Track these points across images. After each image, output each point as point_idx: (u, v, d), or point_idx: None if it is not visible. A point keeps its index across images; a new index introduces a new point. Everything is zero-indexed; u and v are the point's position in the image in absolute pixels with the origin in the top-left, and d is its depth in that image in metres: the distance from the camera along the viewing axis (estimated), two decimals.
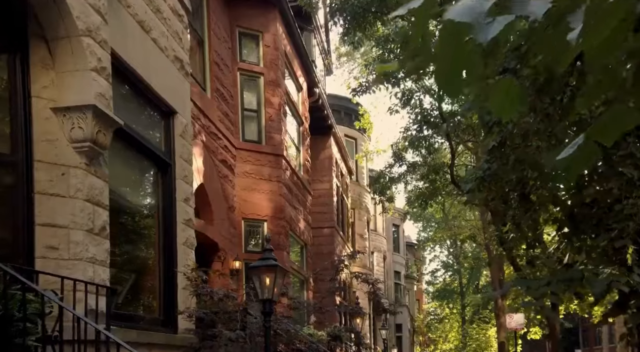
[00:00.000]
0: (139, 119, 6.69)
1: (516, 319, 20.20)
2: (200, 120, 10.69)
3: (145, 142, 6.65)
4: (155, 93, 6.77)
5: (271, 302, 6.63)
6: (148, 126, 6.93)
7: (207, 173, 10.83)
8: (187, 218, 7.36)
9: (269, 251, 6.81)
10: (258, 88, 13.48)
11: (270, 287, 6.52)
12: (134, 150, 6.59)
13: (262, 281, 6.55)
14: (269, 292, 6.54)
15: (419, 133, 15.08)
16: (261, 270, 6.63)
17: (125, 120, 6.18)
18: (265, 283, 6.54)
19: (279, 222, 12.99)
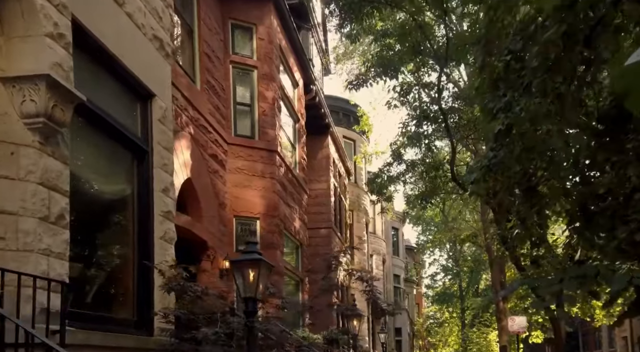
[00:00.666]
0: (111, 100, 6.00)
1: (518, 322, 19.46)
2: (188, 112, 10.02)
3: (119, 126, 5.97)
4: (130, 73, 6.10)
5: (255, 300, 5.93)
6: (122, 109, 6.24)
7: (196, 167, 10.14)
8: (166, 210, 6.67)
9: (253, 244, 6.12)
10: (251, 82, 12.81)
11: (254, 284, 5.83)
12: (106, 135, 5.91)
13: (246, 277, 5.85)
14: (253, 289, 5.84)
15: (418, 128, 14.38)
16: (244, 265, 5.93)
17: (96, 101, 5.51)
18: (248, 279, 5.84)
19: (273, 220, 12.29)
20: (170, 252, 6.71)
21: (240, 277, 5.89)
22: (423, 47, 13.76)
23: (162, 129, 6.76)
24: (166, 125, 6.87)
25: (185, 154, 9.79)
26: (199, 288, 6.14)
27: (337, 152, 21.76)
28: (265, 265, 6.01)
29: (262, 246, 12.13)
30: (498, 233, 12.16)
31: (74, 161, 5.18)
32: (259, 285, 5.87)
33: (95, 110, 5.48)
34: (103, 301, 5.79)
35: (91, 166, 5.83)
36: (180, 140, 9.58)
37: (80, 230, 5.60)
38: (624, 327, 37.35)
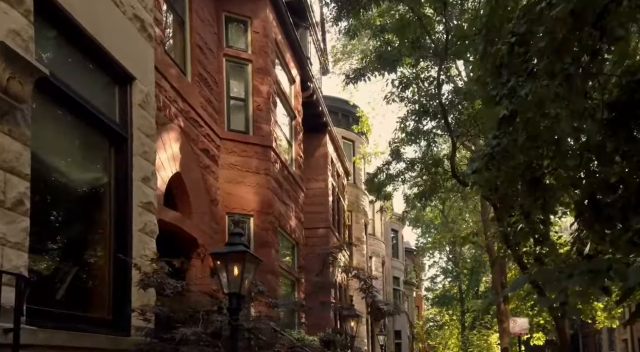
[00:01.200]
0: (84, 81, 5.50)
1: (520, 324, 18.90)
2: (178, 104, 9.52)
3: (94, 109, 5.47)
4: (106, 53, 5.59)
5: (239, 296, 5.40)
6: (98, 92, 5.73)
7: (185, 161, 9.64)
8: (146, 201, 6.15)
9: (236, 235, 5.59)
10: (246, 76, 12.31)
11: (238, 278, 5.30)
12: (79, 118, 5.40)
13: (229, 271, 5.33)
14: (237, 284, 5.31)
15: (418, 123, 13.82)
16: (227, 258, 5.41)
17: (66, 80, 5.02)
18: (232, 274, 5.32)
19: (267, 217, 11.76)
20: (151, 246, 6.20)
21: (223, 272, 5.37)
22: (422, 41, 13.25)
23: (143, 114, 6.25)
24: (148, 111, 6.36)
25: (174, 147, 9.28)
26: (179, 284, 5.60)
27: (336, 152, 21.25)
28: (251, 258, 5.49)
29: (256, 244, 11.65)
30: (500, 230, 11.62)
31: (41, 144, 4.67)
32: (244, 280, 5.35)
33: (65, 90, 4.98)
34: (73, 298, 5.27)
35: (61, 151, 5.32)
36: (168, 133, 9.09)
37: (48, 220, 5.10)
38: (624, 330, 36.77)
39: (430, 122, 14.36)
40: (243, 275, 5.30)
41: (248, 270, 5.40)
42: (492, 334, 34.14)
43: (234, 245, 5.44)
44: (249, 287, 5.65)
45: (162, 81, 8.90)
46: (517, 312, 23.25)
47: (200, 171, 10.35)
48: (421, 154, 15.73)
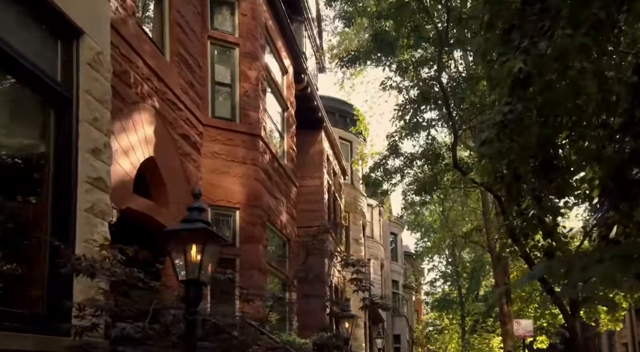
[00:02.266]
0: (18, 33, 4.47)
1: (524, 326, 17.79)
2: (152, 83, 8.48)
3: (30, 65, 4.45)
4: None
5: (199, 284, 4.33)
6: (33, 44, 4.70)
7: (161, 146, 8.59)
8: (96, 176, 5.11)
9: (196, 210, 4.53)
10: (232, 60, 11.30)
11: (197, 262, 4.24)
12: (9, 74, 4.38)
13: (186, 253, 4.26)
14: (195, 269, 4.25)
15: (417, 111, 12.73)
16: (183, 237, 4.35)
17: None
18: (189, 256, 4.25)
19: (254, 210, 10.71)
20: (101, 230, 5.15)
21: (177, 254, 4.31)
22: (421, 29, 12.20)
23: (94, 76, 5.21)
24: (101, 73, 5.32)
25: (147, 130, 8.24)
26: (123, 271, 4.53)
27: (332, 149, 20.23)
28: (214, 238, 4.43)
29: (243, 239, 10.58)
30: (505, 224, 10.56)
31: None
32: (205, 264, 4.28)
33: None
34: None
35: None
36: (140, 113, 8.05)
37: None
38: (624, 333, 35.58)
39: (430, 113, 13.33)
40: (203, 258, 4.24)
41: (210, 253, 4.34)
42: (493, 338, 32.93)
43: (191, 222, 4.38)
44: (212, 273, 4.57)
45: (133, 56, 7.89)
46: (521, 315, 22.11)
47: (179, 158, 9.31)
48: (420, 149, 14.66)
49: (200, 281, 4.27)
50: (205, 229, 4.31)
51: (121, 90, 7.44)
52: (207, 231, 4.33)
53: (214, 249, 4.42)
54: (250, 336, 6.00)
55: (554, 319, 24.22)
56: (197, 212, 4.47)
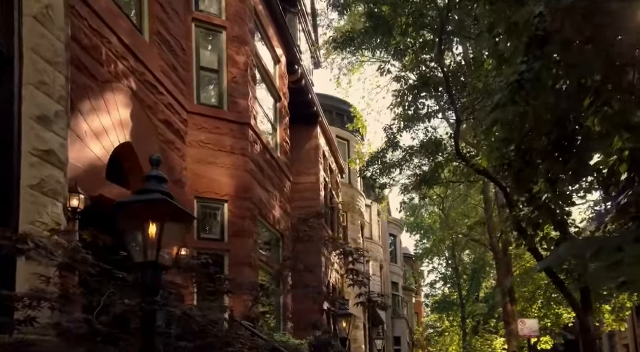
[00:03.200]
0: None
1: (529, 325, 16.97)
2: (128, 62, 7.71)
3: None
4: None
5: (157, 267, 3.53)
6: None
7: (139, 130, 7.82)
8: (45, 149, 4.34)
9: (154, 179, 3.73)
10: (219, 44, 10.55)
11: (155, 240, 3.45)
12: None
13: (143, 230, 3.47)
14: (152, 249, 3.46)
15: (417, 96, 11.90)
16: (137, 210, 3.55)
17: None
18: (146, 234, 3.46)
19: (244, 203, 9.93)
20: (52, 211, 4.37)
21: (131, 231, 3.52)
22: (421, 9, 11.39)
23: (42, 32, 4.44)
24: (51, 31, 4.55)
25: (122, 112, 7.47)
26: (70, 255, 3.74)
27: (328, 145, 19.43)
28: (177, 212, 3.63)
29: (231, 233, 9.80)
30: (512, 215, 9.77)
31: None
32: (166, 243, 3.48)
33: None
34: None
35: None
36: (113, 93, 7.28)
37: None
38: (624, 335, 34.71)
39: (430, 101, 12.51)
40: (162, 236, 3.44)
41: (172, 230, 3.55)
42: (496, 339, 32.05)
43: (148, 192, 3.58)
44: (177, 254, 3.78)
45: (105, 30, 7.13)
46: (524, 315, 21.27)
47: (160, 145, 8.53)
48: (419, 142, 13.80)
49: (159, 263, 3.47)
50: (165, 201, 3.52)
51: (90, 65, 6.68)
52: (168, 203, 3.54)
53: (178, 226, 3.63)
54: (231, 333, 5.19)
55: (557, 318, 23.41)
56: (156, 181, 3.68)
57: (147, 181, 3.67)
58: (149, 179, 3.66)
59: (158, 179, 3.69)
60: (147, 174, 3.78)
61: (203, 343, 4.97)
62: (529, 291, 22.40)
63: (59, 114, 4.55)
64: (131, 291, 4.45)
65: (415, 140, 14.26)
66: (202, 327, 5.21)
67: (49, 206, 4.32)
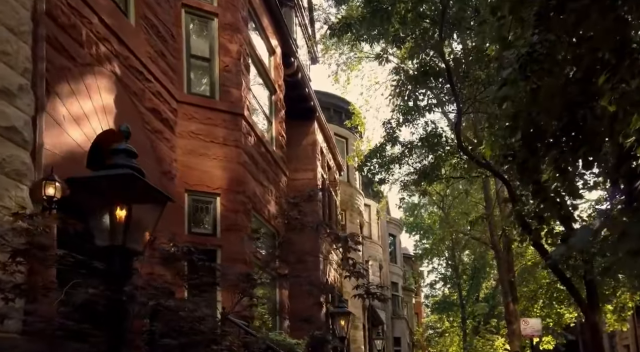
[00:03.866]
0: None
1: (532, 325, 16.54)
2: (112, 46, 7.28)
3: None
4: None
5: (126, 252, 3.09)
6: None
7: (124, 118, 7.37)
8: (7, 125, 3.92)
9: (122, 153, 3.30)
10: (211, 32, 10.12)
11: (122, 222, 3.01)
12: None
13: (109, 211, 3.03)
14: (119, 232, 3.02)
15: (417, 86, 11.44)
16: (101, 188, 3.11)
17: None
18: (113, 214, 3.02)
19: (237, 197, 9.49)
20: (16, 195, 3.93)
21: (96, 212, 3.08)
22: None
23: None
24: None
25: (106, 98, 7.03)
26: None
27: (326, 142, 18.98)
28: (148, 190, 3.19)
29: (224, 228, 9.36)
30: (515, 209, 9.34)
31: None
32: (135, 226, 3.04)
33: None
34: None
35: None
36: (95, 77, 6.85)
37: None
38: (625, 335, 34.30)
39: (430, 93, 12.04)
40: (131, 217, 3.00)
41: (143, 211, 3.11)
42: (498, 339, 31.59)
43: (115, 167, 3.14)
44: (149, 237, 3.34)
45: (85, 9, 6.69)
46: (526, 314, 20.82)
47: (148, 135, 8.10)
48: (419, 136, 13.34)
49: (128, 248, 3.03)
50: (134, 177, 3.08)
51: (69, 46, 6.25)
52: (138, 180, 3.10)
53: (151, 207, 3.19)
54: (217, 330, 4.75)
55: (560, 318, 23.00)
56: (124, 155, 3.24)
57: (114, 155, 3.23)
58: (117, 153, 3.22)
59: (127, 153, 3.26)
60: (114, 146, 3.34)
61: (188, 341, 4.54)
62: (530, 290, 21.98)
63: (23, 88, 4.12)
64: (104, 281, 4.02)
65: (415, 135, 13.81)
66: (189, 323, 4.77)
67: (12, 189, 3.89)
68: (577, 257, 9.16)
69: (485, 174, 14.40)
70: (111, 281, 3.11)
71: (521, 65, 4.18)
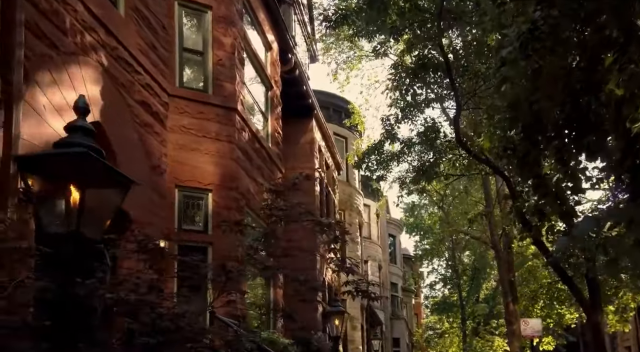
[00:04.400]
0: None
1: (533, 325, 16.27)
2: (98, 35, 7.01)
3: None
4: None
5: (79, 239, 2.81)
6: None
7: (110, 110, 7.12)
8: None
9: (78, 130, 3.04)
10: (204, 25, 9.87)
11: (76, 206, 2.73)
12: None
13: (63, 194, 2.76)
14: (72, 216, 2.75)
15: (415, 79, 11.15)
16: (52, 167, 2.84)
17: None
18: (67, 198, 2.75)
19: (230, 193, 9.23)
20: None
21: (47, 194, 2.81)
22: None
23: None
24: None
25: (91, 89, 6.76)
26: None
27: (324, 140, 18.72)
28: (107, 171, 2.92)
29: (216, 225, 9.10)
30: (516, 205, 9.06)
31: None
32: (91, 211, 2.77)
33: None
34: None
35: None
36: (80, 67, 6.58)
37: None
38: (627, 337, 33.90)
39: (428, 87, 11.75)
40: (86, 200, 2.73)
41: (101, 195, 2.84)
42: (497, 340, 31.28)
43: (70, 146, 2.86)
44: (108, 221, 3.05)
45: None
46: (526, 314, 20.52)
47: (136, 128, 7.82)
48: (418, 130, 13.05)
49: (83, 234, 2.75)
50: (89, 156, 2.80)
51: (50, 33, 5.97)
52: (96, 161, 2.82)
53: (112, 192, 2.92)
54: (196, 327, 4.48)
55: (560, 319, 22.70)
56: (82, 133, 2.98)
57: (69, 132, 2.95)
58: (73, 131, 2.95)
59: (84, 131, 3.00)
60: (70, 124, 3.06)
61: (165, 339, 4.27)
62: (530, 290, 21.68)
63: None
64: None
65: (414, 132, 13.54)
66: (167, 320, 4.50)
67: None
68: (579, 255, 8.87)
69: (484, 170, 14.12)
70: (66, 272, 2.83)
71: (522, 44, 3.90)
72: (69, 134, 2.99)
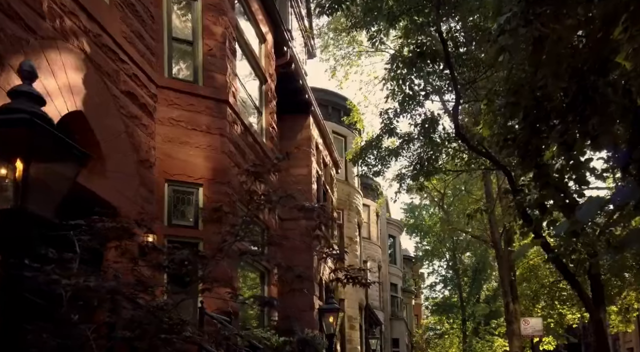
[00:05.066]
0: None
1: (533, 325, 15.95)
2: (79, 21, 6.72)
3: None
4: None
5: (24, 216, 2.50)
6: None
7: (93, 100, 6.82)
8: None
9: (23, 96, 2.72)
10: (194, 14, 9.55)
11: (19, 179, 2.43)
12: None
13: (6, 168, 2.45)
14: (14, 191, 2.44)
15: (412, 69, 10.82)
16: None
17: None
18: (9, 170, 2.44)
19: (221, 188, 8.91)
20: None
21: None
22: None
23: None
24: None
25: (72, 76, 6.47)
26: None
27: (322, 137, 18.40)
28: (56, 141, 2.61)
29: (208, 221, 8.80)
30: (517, 199, 8.76)
31: None
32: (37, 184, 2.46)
33: None
34: None
35: None
36: (60, 53, 6.29)
37: None
38: (629, 338, 33.61)
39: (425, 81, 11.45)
40: (30, 173, 2.43)
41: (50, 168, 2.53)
42: (497, 340, 30.96)
43: (12, 112, 2.56)
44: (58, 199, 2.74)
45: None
46: (526, 314, 20.21)
47: (123, 120, 7.52)
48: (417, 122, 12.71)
49: (28, 210, 2.45)
50: (34, 123, 2.49)
51: (26, 15, 5.70)
52: (42, 129, 2.52)
53: (63, 165, 2.62)
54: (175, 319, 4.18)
55: (562, 318, 22.40)
56: (25, 99, 2.66)
57: (13, 98, 2.64)
58: (17, 96, 2.64)
59: (30, 97, 2.67)
60: (14, 88, 2.75)
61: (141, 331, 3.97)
62: (531, 290, 21.38)
63: None
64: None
65: (413, 127, 13.22)
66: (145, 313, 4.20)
67: None
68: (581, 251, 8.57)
69: (485, 165, 13.81)
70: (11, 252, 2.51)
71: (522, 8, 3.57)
72: (13, 98, 2.68)
